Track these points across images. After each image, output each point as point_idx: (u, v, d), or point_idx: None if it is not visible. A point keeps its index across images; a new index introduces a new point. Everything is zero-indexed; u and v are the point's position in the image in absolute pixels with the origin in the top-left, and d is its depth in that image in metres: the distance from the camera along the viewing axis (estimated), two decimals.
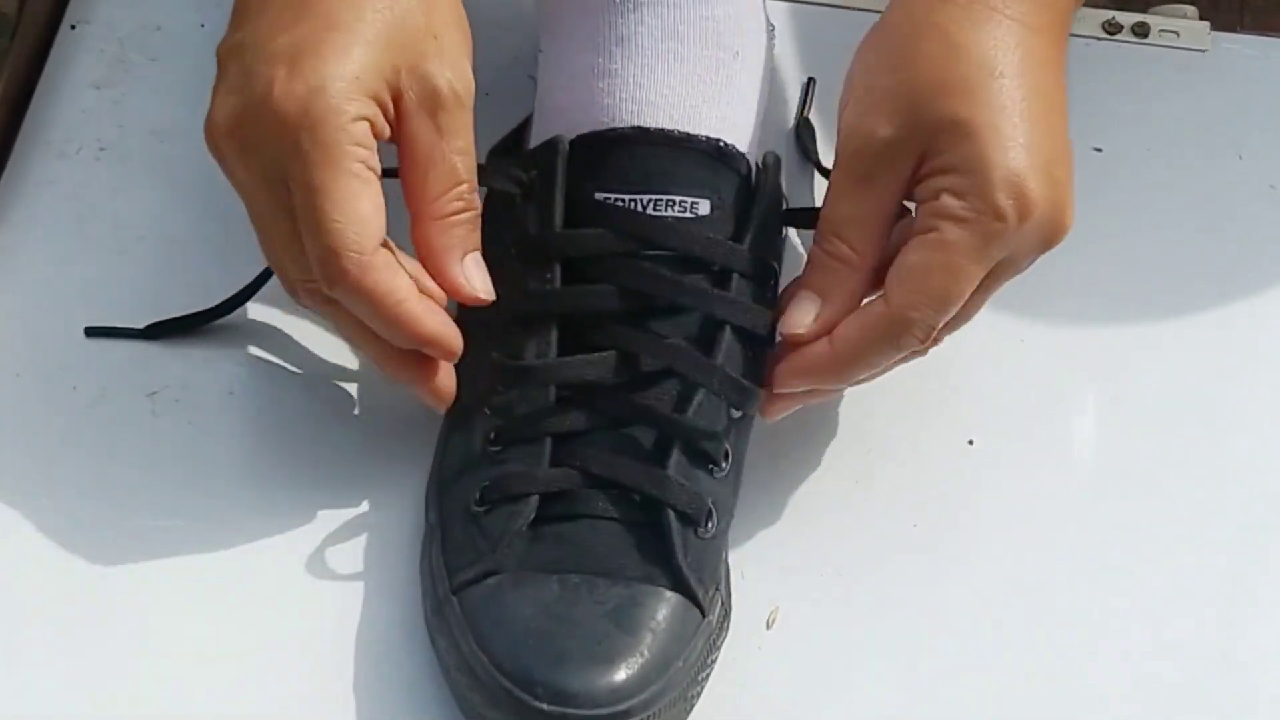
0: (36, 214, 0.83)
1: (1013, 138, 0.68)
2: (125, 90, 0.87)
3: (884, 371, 0.73)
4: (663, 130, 0.73)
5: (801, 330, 0.72)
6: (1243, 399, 0.81)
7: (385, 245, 0.68)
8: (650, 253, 0.72)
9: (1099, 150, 0.88)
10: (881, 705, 0.73)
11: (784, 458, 0.78)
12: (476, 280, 0.71)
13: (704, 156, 0.73)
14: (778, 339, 0.74)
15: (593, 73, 0.75)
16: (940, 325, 0.70)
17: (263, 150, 0.67)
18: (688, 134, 0.73)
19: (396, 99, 0.68)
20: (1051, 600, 0.76)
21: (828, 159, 0.74)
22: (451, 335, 0.71)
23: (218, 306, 0.79)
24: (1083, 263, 0.84)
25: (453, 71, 0.69)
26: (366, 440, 0.78)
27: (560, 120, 0.75)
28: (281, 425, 0.78)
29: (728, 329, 0.73)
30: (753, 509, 0.76)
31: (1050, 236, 0.70)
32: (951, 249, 0.68)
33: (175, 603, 0.74)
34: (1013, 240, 0.69)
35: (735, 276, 0.73)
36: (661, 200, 0.73)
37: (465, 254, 0.71)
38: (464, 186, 0.70)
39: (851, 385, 0.74)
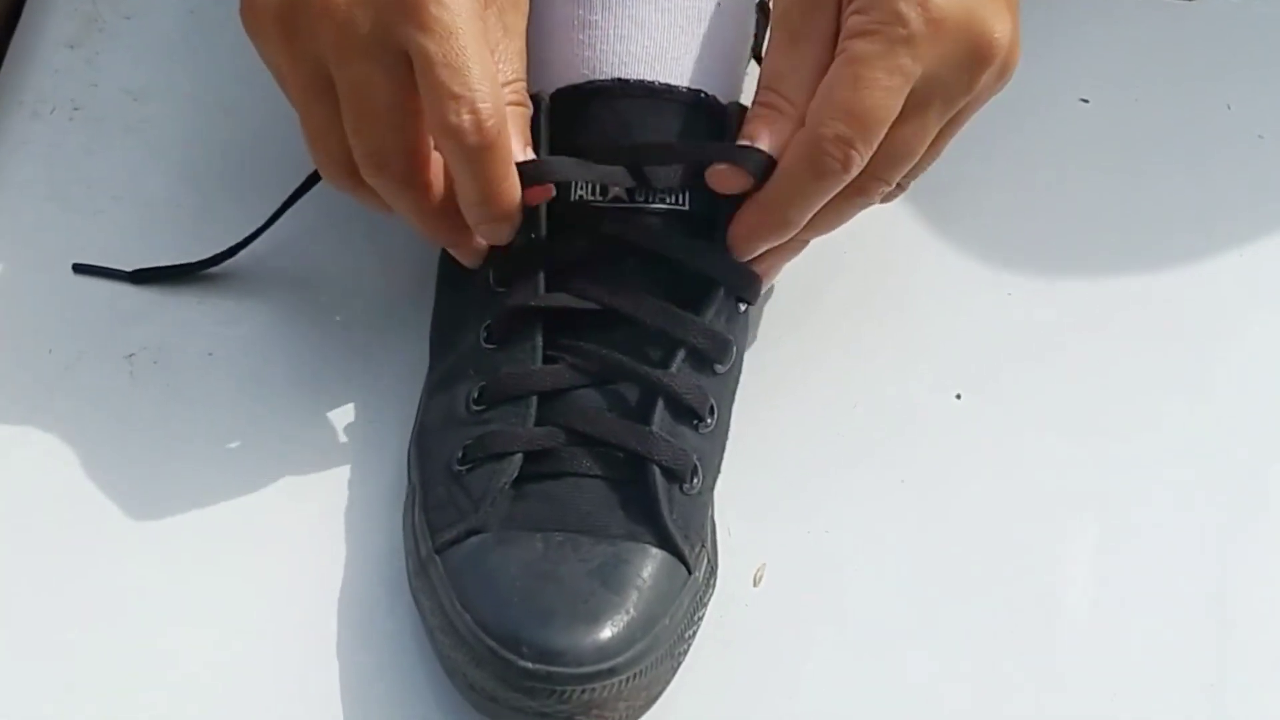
0: (10, 175, 0.83)
1: None
2: (99, 49, 0.86)
3: (839, 215, 0.72)
4: (642, 82, 0.73)
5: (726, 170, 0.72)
6: (1232, 349, 0.81)
7: None
8: (634, 206, 0.72)
9: (1086, 101, 0.87)
10: (869, 663, 0.72)
11: (770, 414, 0.77)
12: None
13: (684, 108, 0.73)
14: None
15: (573, 24, 0.74)
16: (858, 143, 0.69)
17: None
18: (668, 85, 0.73)
19: None
20: (1039, 555, 0.75)
21: None
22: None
23: (239, 242, 0.79)
24: (1070, 215, 0.84)
25: None
26: (347, 401, 0.77)
27: (543, 74, 0.74)
28: (262, 386, 0.78)
29: (711, 284, 0.72)
30: (739, 466, 0.75)
31: (976, 53, 0.69)
32: (857, 61, 0.68)
33: (155, 568, 0.73)
34: (924, 50, 0.68)
35: (719, 232, 0.73)
36: None
37: (522, 145, 0.71)
38: (522, 84, 0.72)
39: (811, 232, 0.73)
